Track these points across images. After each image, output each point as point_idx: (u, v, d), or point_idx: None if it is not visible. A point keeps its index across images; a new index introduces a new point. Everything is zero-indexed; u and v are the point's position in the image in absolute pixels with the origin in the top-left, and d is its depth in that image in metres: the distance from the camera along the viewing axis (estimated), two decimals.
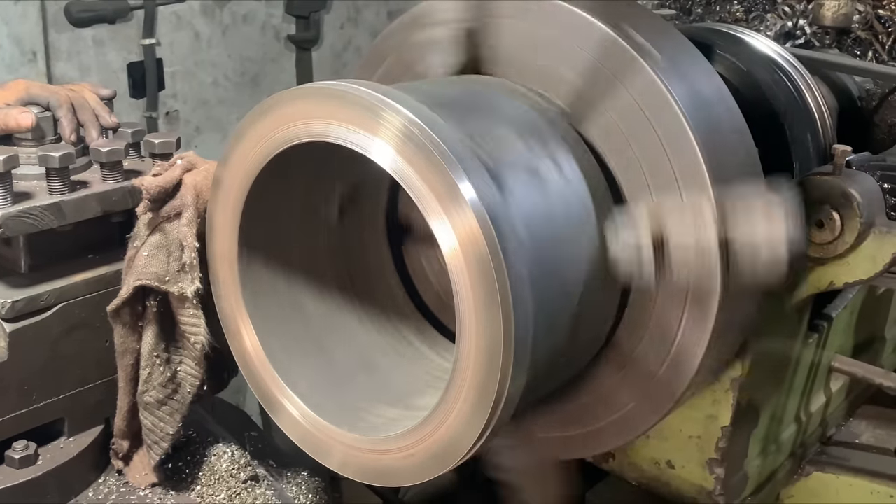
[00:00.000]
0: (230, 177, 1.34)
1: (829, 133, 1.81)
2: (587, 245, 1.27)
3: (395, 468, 1.24)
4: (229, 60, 4.10)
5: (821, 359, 1.93)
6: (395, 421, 1.30)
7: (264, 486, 1.69)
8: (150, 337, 1.56)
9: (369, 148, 1.14)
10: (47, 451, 1.64)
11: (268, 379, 1.39)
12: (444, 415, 1.15)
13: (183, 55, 3.93)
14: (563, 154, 1.28)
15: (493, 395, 1.10)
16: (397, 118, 1.11)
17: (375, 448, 1.26)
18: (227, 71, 4.11)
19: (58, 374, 1.63)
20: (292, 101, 1.23)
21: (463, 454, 1.16)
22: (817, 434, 2.06)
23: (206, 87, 4.05)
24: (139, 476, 1.67)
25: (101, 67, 3.66)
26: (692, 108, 1.25)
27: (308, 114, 1.20)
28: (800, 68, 1.82)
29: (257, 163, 1.29)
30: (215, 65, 4.06)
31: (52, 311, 1.60)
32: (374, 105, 1.13)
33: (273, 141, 1.26)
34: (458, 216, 1.07)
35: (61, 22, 3.48)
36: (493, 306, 1.06)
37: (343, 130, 1.16)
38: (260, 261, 1.41)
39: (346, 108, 1.15)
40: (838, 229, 1.52)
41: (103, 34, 3.63)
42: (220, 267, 1.42)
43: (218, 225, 1.39)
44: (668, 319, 1.30)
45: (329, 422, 1.32)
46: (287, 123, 1.23)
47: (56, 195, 1.59)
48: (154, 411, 1.60)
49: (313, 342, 1.47)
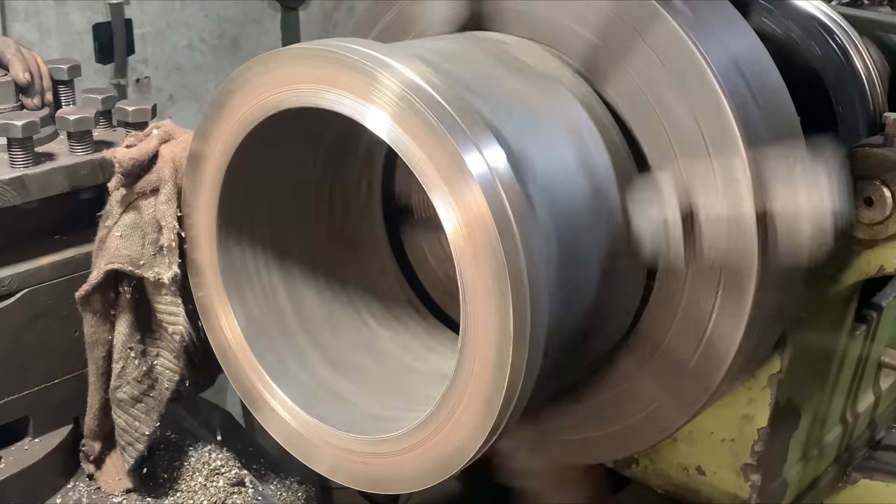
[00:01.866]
0: (208, 149, 1.35)
1: (879, 100, 1.81)
2: (609, 221, 1.28)
3: (391, 473, 1.25)
4: (206, 21, 4.11)
5: (869, 353, 1.94)
6: (392, 420, 1.31)
7: (250, 492, 1.72)
8: (123, 327, 1.58)
9: (364, 115, 1.15)
10: (10, 453, 1.66)
11: (251, 374, 1.40)
12: (446, 414, 1.16)
13: (154, 15, 3.93)
14: (580, 119, 1.29)
15: (502, 392, 1.10)
16: (394, 82, 1.11)
17: (369, 450, 1.27)
18: (204, 33, 4.12)
19: (21, 367, 1.65)
20: (276, 65, 1.23)
21: (467, 458, 1.17)
22: (865, 437, 2.08)
23: (180, 51, 4.05)
24: (112, 481, 1.69)
25: (63, 29, 3.67)
26: (723, 69, 1.26)
27: (294, 78, 1.21)
28: (847, 28, 1.82)
29: (238, 134, 1.30)
30: (190, 26, 4.07)
31: (14, 297, 1.62)
32: (368, 67, 1.13)
33: (256, 109, 1.26)
34: (463, 192, 1.07)
35: None
36: (503, 295, 1.07)
37: (334, 96, 1.17)
38: (242, 243, 1.43)
39: (338, 71, 1.16)
40: (890, 207, 1.52)
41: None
42: (197, 251, 1.44)
43: (195, 204, 1.41)
44: (699, 304, 1.31)
45: (318, 420, 1.33)
46: (271, 90, 1.24)
47: (19, 168, 1.61)
48: (128, 409, 1.62)
49: (301, 333, 1.48)
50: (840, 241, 1.25)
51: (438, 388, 1.18)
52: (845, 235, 1.30)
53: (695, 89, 1.26)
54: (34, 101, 1.77)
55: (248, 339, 1.41)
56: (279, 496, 1.75)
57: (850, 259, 1.60)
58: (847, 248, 1.59)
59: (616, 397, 1.44)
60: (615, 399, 1.44)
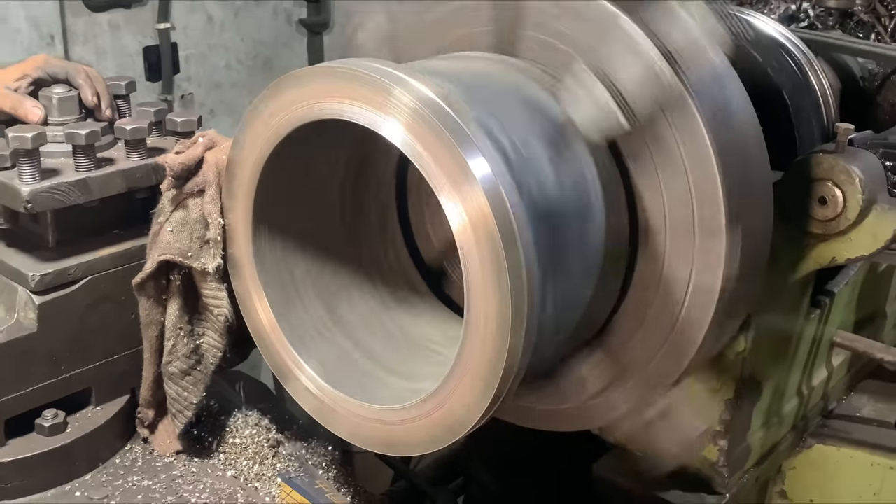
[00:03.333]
0: (243, 157, 1.35)
1: (832, 112, 1.81)
2: (596, 211, 1.27)
3: (402, 438, 1.25)
4: (242, 44, 4.12)
5: (823, 334, 1.93)
6: (405, 392, 1.31)
7: (286, 453, 1.72)
8: (173, 310, 1.59)
9: (380, 125, 1.14)
10: (76, 419, 1.67)
11: (282, 352, 1.41)
12: (452, 386, 1.16)
13: (196, 39, 3.95)
14: (576, 147, 1.27)
15: (501, 366, 1.11)
16: (407, 95, 1.11)
17: (384, 418, 1.27)
18: (240, 54, 4.13)
19: (85, 345, 1.66)
20: (303, 82, 1.23)
21: (469, 426, 1.17)
22: (819, 407, 2.07)
23: (219, 71, 4.07)
24: (164, 444, 1.70)
25: (117, 51, 3.69)
26: (709, 108, 1.23)
27: (319, 93, 1.20)
28: (804, 49, 1.82)
29: (270, 142, 1.29)
30: (228, 48, 4.08)
31: (79, 284, 1.63)
32: (384, 83, 1.13)
33: (285, 121, 1.26)
34: (468, 194, 1.07)
35: (78, 6, 3.51)
36: (502, 282, 1.07)
37: (355, 109, 1.16)
38: (273, 238, 1.43)
39: (357, 87, 1.15)
40: (840, 206, 1.52)
41: (119, 18, 3.66)
42: (234, 246, 1.44)
43: (231, 205, 1.41)
44: (678, 259, 1.28)
45: (339, 391, 1.34)
46: (298, 103, 1.23)
47: (82, 171, 1.62)
48: (178, 381, 1.63)
49: (324, 315, 1.49)
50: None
51: (444, 364, 1.18)
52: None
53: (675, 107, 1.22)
54: (99, 115, 1.79)
55: (278, 321, 1.41)
56: (308, 458, 1.75)
57: (806, 251, 1.59)
58: (804, 243, 1.58)
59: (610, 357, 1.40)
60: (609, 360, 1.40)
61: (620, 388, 1.39)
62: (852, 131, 1.57)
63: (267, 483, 1.66)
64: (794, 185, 1.55)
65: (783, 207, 1.44)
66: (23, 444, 1.60)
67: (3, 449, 1.58)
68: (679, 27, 1.17)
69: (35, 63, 1.80)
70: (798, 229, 1.57)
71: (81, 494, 1.60)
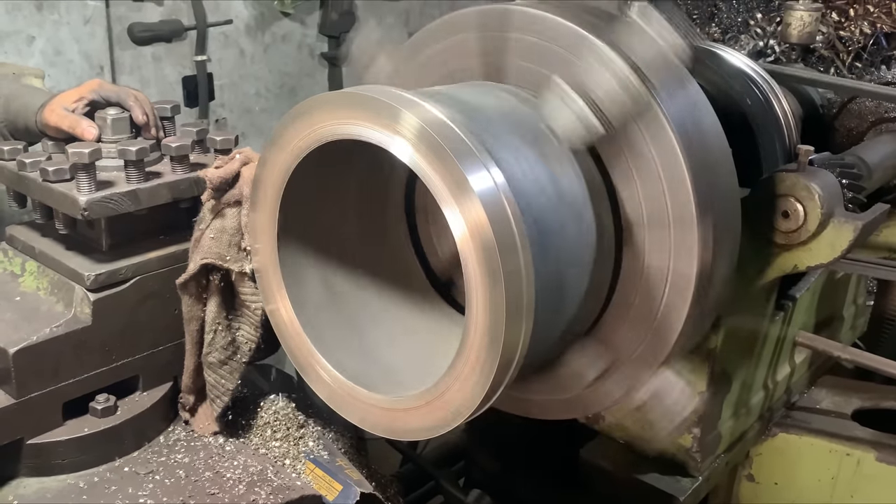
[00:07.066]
0: (267, 174, 1.34)
1: (794, 136, 1.82)
2: (585, 211, 1.27)
3: (406, 425, 1.25)
4: (270, 74, 4.16)
5: (786, 334, 1.95)
6: (409, 382, 1.30)
7: (310, 435, 1.74)
8: (213, 306, 1.61)
9: (390, 144, 1.14)
10: (125, 403, 1.69)
11: (302, 348, 1.41)
12: (452, 379, 1.16)
13: (230, 70, 3.99)
14: (561, 157, 1.27)
15: (495, 364, 1.11)
16: (414, 118, 1.11)
17: (390, 406, 1.27)
18: (268, 83, 4.17)
19: (134, 337, 1.68)
20: (322, 107, 1.22)
21: (467, 415, 1.17)
22: (783, 400, 2.09)
23: (249, 98, 4.11)
24: (203, 425, 1.72)
25: (159, 80, 3.73)
26: (677, 115, 1.24)
27: (336, 116, 1.20)
28: (769, 80, 1.83)
29: (291, 162, 1.29)
30: (258, 78, 4.12)
31: (129, 283, 1.65)
32: (394, 106, 1.13)
33: (306, 141, 1.25)
34: (467, 206, 1.07)
35: (125, 40, 3.56)
36: (498, 285, 1.07)
37: (367, 130, 1.16)
38: (294, 247, 1.43)
39: (371, 111, 1.16)
40: (801, 219, 1.53)
41: (161, 51, 3.70)
42: (261, 254, 1.43)
43: (259, 221, 1.40)
44: (658, 254, 1.28)
45: (351, 382, 1.34)
46: (318, 126, 1.23)
47: (133, 184, 1.64)
48: (216, 370, 1.65)
49: (341, 316, 1.48)
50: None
51: (446, 357, 1.17)
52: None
53: (651, 127, 1.23)
54: (147, 134, 1.82)
55: (299, 319, 1.41)
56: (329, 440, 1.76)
57: (770, 260, 1.60)
58: (769, 252, 1.59)
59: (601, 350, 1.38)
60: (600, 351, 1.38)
61: (613, 376, 1.38)
62: (812, 153, 1.58)
63: (293, 461, 1.67)
64: (760, 200, 1.56)
65: (750, 220, 1.44)
66: (78, 424, 1.62)
67: (61, 428, 1.60)
68: (646, 43, 1.18)
69: (90, 87, 1.82)
70: (763, 240, 1.58)
71: (129, 469, 1.62)
